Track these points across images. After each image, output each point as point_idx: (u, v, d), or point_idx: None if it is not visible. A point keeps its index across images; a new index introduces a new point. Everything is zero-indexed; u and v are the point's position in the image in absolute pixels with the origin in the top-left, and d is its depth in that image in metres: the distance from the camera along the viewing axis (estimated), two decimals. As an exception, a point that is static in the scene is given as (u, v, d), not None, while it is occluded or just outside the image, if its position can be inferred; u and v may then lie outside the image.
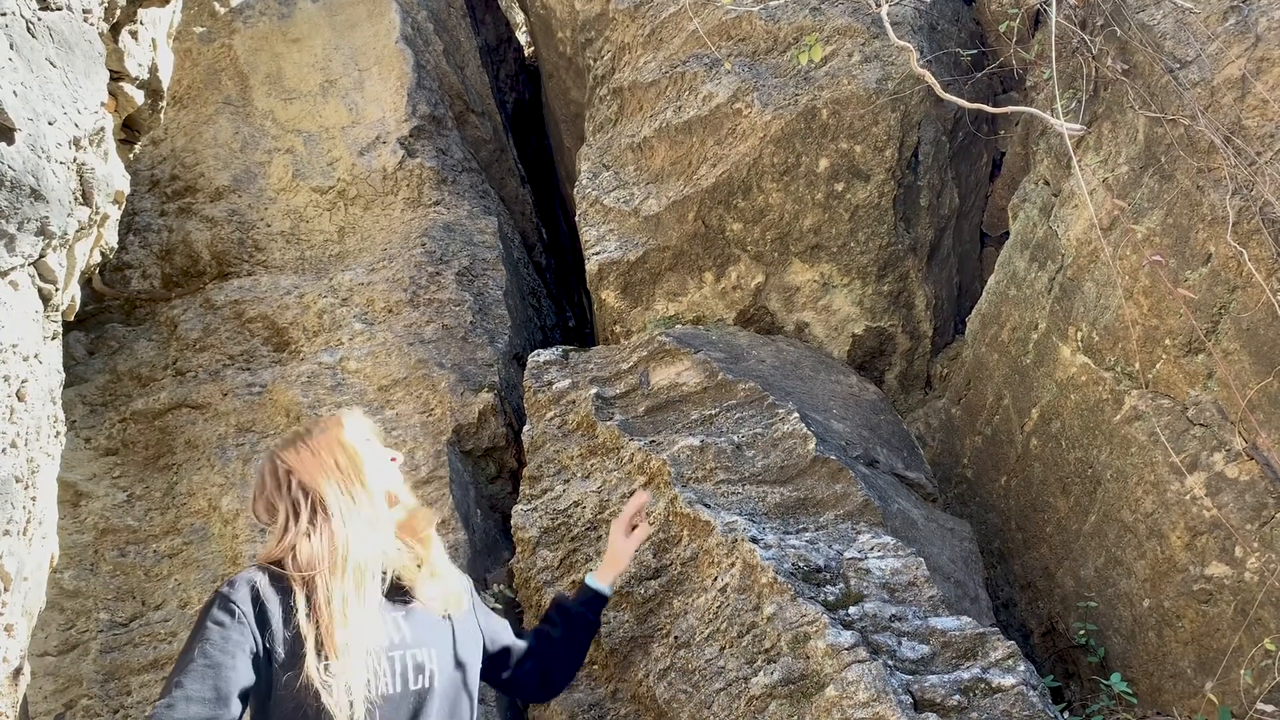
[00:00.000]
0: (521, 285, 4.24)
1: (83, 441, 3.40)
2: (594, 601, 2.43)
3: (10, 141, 1.76)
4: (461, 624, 2.08)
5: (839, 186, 3.41)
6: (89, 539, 3.30)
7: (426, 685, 1.95)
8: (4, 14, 1.77)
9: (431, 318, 3.63)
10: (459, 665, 2.03)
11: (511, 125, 5.16)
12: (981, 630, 2.42)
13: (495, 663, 2.23)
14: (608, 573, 2.48)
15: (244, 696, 1.84)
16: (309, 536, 1.97)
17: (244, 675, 1.83)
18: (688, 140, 3.57)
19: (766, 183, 3.42)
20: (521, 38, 6.00)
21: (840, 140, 3.36)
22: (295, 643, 1.86)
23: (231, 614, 1.87)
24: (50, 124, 1.86)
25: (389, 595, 2.01)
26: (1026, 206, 3.41)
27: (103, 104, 2.09)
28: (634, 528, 2.55)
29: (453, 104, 4.35)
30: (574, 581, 2.84)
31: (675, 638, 2.59)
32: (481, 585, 3.17)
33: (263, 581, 1.92)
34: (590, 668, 2.73)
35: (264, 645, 1.87)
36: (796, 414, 2.91)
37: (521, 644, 2.29)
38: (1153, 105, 2.85)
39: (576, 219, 3.83)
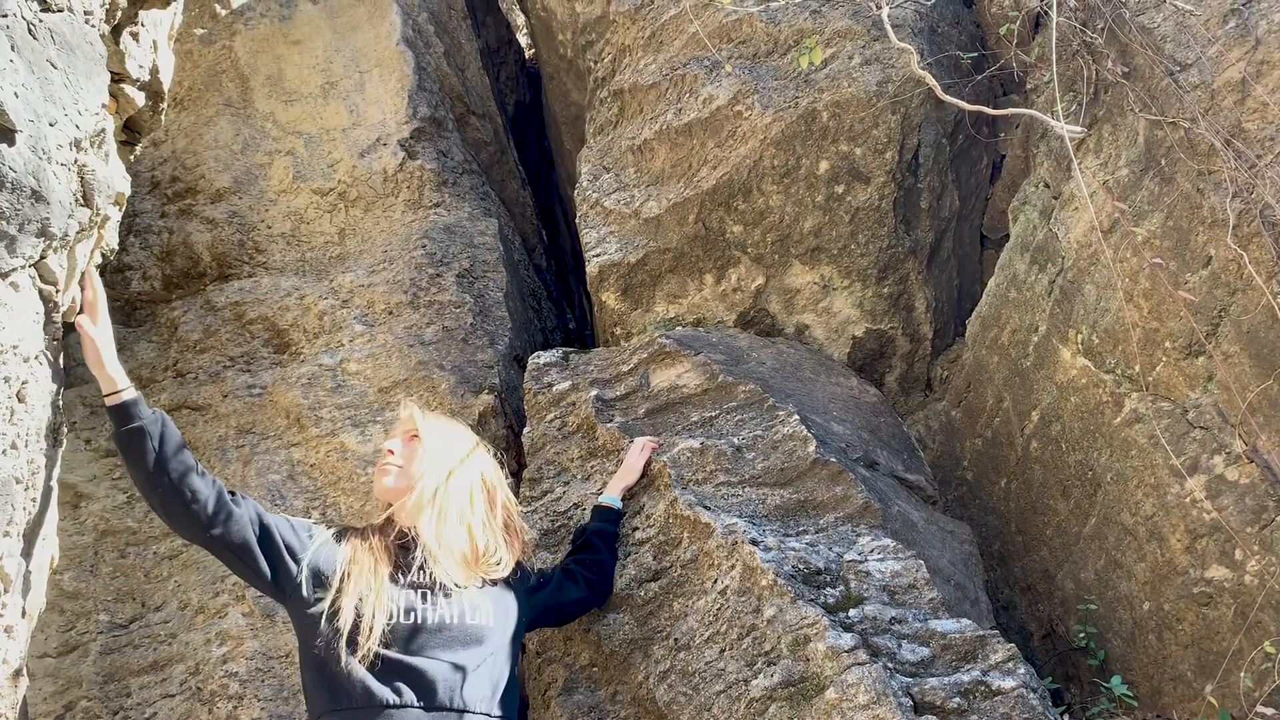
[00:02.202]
0: (522, 287, 4.24)
1: (83, 443, 3.40)
2: (615, 516, 2.78)
3: (11, 143, 1.76)
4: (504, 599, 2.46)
5: (839, 189, 3.41)
6: (89, 540, 3.30)
7: (478, 627, 2.32)
8: (5, 15, 1.77)
9: (432, 319, 3.63)
10: (502, 630, 2.37)
11: (512, 127, 5.16)
12: (981, 633, 2.42)
13: (550, 611, 2.60)
14: (618, 484, 2.82)
15: (268, 555, 2.28)
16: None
17: (279, 549, 2.27)
18: (688, 142, 3.57)
19: (767, 185, 3.43)
20: (522, 40, 6.00)
21: (840, 143, 3.36)
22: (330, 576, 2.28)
23: (312, 534, 2.36)
24: (51, 125, 1.87)
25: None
26: (1027, 209, 3.41)
27: (104, 105, 2.09)
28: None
29: (453, 106, 4.35)
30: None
31: (675, 640, 2.59)
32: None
33: (345, 534, 2.40)
34: (590, 670, 2.73)
35: (309, 573, 2.28)
36: (797, 416, 2.91)
37: (567, 584, 2.62)
38: (1153, 108, 2.85)
39: (577, 221, 3.83)
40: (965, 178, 3.75)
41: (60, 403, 2.22)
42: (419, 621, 2.25)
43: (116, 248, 2.48)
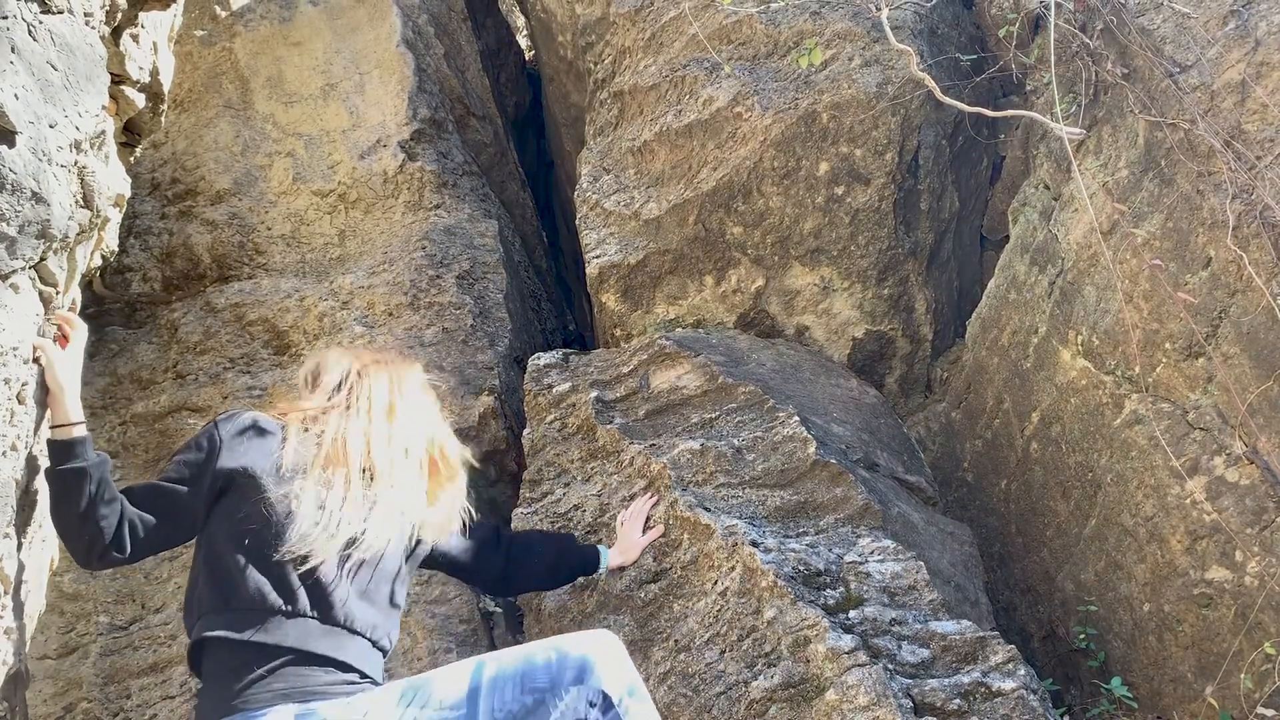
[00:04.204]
0: (522, 288, 4.24)
1: (83, 444, 3.39)
2: (593, 565, 2.66)
3: (11, 144, 1.76)
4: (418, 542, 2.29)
5: (839, 190, 3.41)
6: (89, 542, 3.30)
7: (374, 559, 2.13)
8: (6, 17, 1.77)
9: (432, 321, 3.63)
10: (399, 562, 2.21)
11: (512, 129, 5.16)
12: (982, 634, 2.42)
13: (460, 559, 2.44)
14: (616, 558, 2.70)
15: (195, 512, 2.08)
16: (339, 416, 2.20)
17: (198, 498, 2.07)
18: (688, 144, 3.57)
19: (767, 186, 3.43)
20: (522, 41, 6.01)
21: (840, 144, 3.36)
22: (275, 472, 2.08)
23: (212, 441, 2.10)
24: (51, 127, 1.87)
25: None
26: (1026, 210, 3.41)
27: (104, 107, 2.09)
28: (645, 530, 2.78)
29: (453, 107, 4.35)
30: (574, 585, 2.84)
31: (675, 641, 2.59)
32: (481, 589, 3.17)
33: (261, 420, 2.16)
34: (590, 671, 2.72)
35: (234, 469, 2.07)
36: (797, 417, 2.91)
37: (491, 544, 2.48)
38: (1153, 109, 2.85)
39: (577, 222, 3.83)
40: (965, 179, 3.75)
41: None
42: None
43: (116, 249, 2.48)
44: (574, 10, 4.28)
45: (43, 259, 1.95)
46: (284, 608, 1.99)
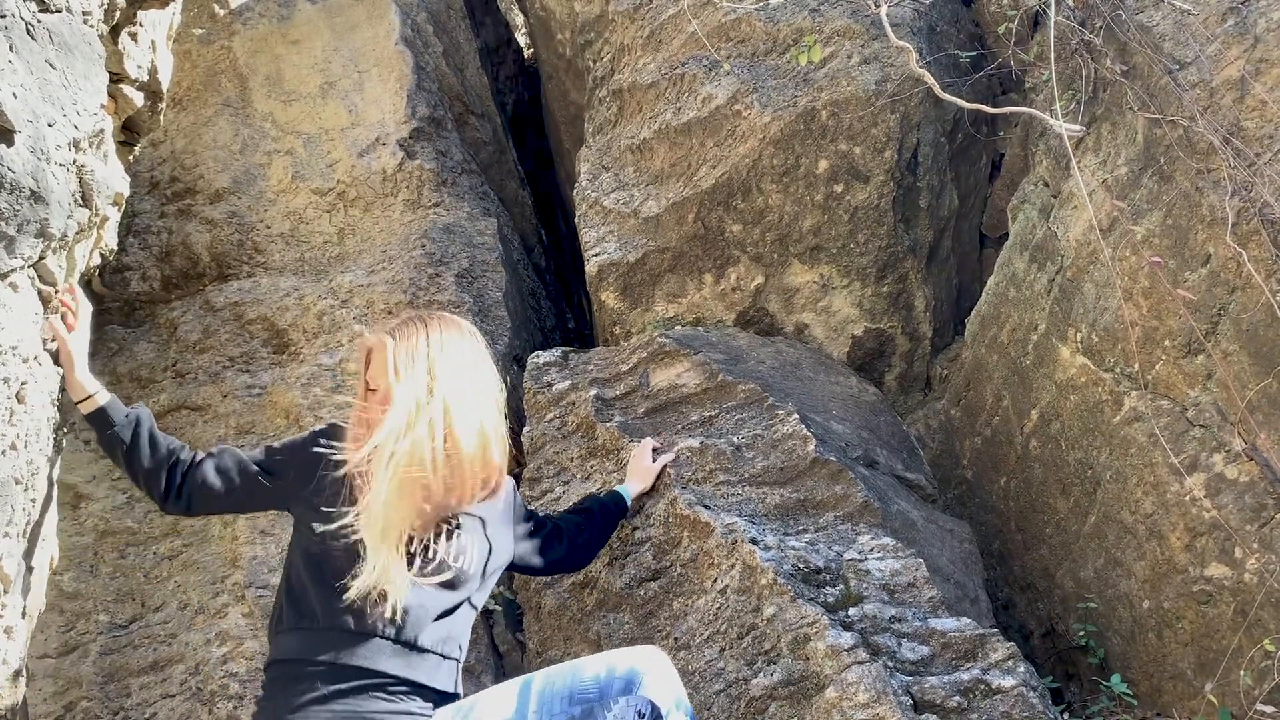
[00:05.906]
0: (521, 287, 4.24)
1: (82, 443, 3.40)
2: (623, 505, 2.70)
3: (10, 143, 1.76)
4: (494, 536, 2.25)
5: (838, 188, 3.41)
6: (89, 541, 3.30)
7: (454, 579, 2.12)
8: (4, 16, 1.77)
9: (431, 319, 3.62)
10: (478, 574, 2.18)
11: (511, 127, 5.16)
12: (981, 631, 2.42)
13: (527, 566, 2.47)
14: (636, 487, 2.77)
15: (251, 495, 2.23)
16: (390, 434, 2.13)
17: (264, 490, 2.21)
18: (687, 141, 3.57)
19: (766, 184, 3.43)
20: (521, 39, 6.00)
21: (840, 142, 3.36)
22: (338, 493, 2.09)
23: (299, 452, 2.20)
24: (50, 126, 1.86)
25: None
26: (1026, 208, 3.41)
27: (102, 106, 2.09)
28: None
29: (452, 105, 4.35)
30: (574, 584, 2.85)
31: (675, 639, 2.59)
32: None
33: (337, 444, 2.17)
34: (590, 669, 2.73)
35: (301, 494, 2.14)
36: (796, 415, 2.91)
37: (552, 542, 2.49)
38: (1152, 106, 2.85)
39: (576, 220, 3.83)
40: (964, 176, 3.75)
41: (60, 403, 2.22)
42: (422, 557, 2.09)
43: (115, 248, 2.48)
44: (573, 8, 4.28)
45: (42, 258, 1.95)
46: (354, 627, 2.02)
